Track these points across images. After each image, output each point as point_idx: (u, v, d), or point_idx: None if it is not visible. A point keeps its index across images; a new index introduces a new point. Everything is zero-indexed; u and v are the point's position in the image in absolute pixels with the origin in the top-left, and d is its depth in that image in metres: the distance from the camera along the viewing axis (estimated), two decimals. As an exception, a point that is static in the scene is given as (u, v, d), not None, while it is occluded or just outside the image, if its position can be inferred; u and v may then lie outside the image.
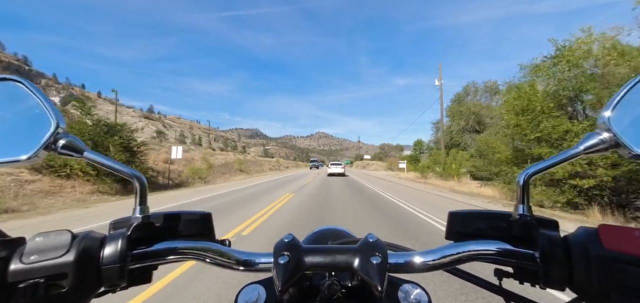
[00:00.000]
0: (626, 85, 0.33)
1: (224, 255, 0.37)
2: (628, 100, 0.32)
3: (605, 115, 0.32)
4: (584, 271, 0.29)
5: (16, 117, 0.36)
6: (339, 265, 0.33)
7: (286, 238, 0.34)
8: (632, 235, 0.28)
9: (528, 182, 0.36)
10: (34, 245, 0.31)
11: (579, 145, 0.34)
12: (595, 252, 0.29)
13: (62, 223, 5.67)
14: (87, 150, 0.37)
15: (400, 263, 0.35)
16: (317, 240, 0.54)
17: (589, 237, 0.30)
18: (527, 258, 0.34)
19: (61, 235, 0.32)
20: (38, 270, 0.29)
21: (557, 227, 0.35)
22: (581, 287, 0.30)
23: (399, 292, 0.39)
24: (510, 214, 0.37)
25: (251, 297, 0.38)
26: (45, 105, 0.36)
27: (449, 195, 11.47)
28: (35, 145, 0.34)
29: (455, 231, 0.40)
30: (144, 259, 0.36)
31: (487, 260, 0.36)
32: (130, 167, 0.38)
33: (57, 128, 0.35)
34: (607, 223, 0.30)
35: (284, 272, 0.31)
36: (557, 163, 0.35)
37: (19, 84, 0.36)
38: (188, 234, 0.40)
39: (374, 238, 0.34)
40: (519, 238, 0.35)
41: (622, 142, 0.31)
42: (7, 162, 0.34)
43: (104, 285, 0.33)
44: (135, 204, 0.38)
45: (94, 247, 0.33)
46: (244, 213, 6.26)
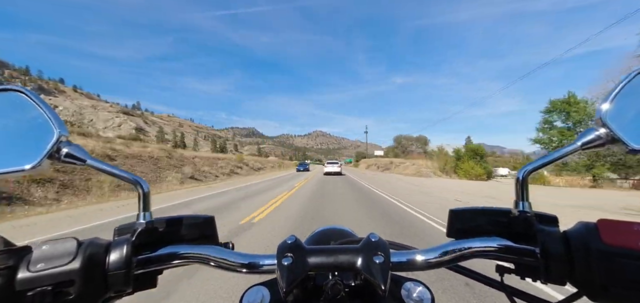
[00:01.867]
0: (624, 79, 0.32)
1: (227, 258, 0.37)
2: (625, 94, 0.32)
3: (602, 109, 0.32)
4: (584, 265, 0.30)
5: (19, 126, 0.36)
6: (342, 265, 0.33)
7: (289, 240, 0.35)
8: (630, 229, 0.29)
9: (527, 178, 0.36)
10: (40, 253, 0.31)
11: (577, 141, 0.34)
12: (594, 246, 0.29)
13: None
14: (90, 158, 0.37)
15: (402, 262, 0.35)
16: (320, 241, 0.54)
17: (588, 231, 0.31)
18: (527, 254, 0.34)
19: (67, 243, 0.32)
20: (45, 277, 0.29)
21: (556, 222, 0.35)
22: (581, 282, 0.30)
23: (402, 290, 0.39)
24: (510, 210, 0.37)
25: (256, 299, 0.39)
26: (48, 114, 0.36)
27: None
28: (39, 154, 0.35)
29: (456, 228, 0.40)
30: (149, 264, 0.36)
31: (488, 256, 0.36)
32: (133, 174, 0.39)
33: (60, 137, 0.36)
34: (605, 218, 0.31)
35: (288, 273, 0.31)
36: (556, 160, 0.35)
37: (22, 94, 0.36)
38: (191, 238, 0.41)
39: (376, 237, 0.35)
40: (519, 234, 0.35)
41: (618, 137, 0.31)
42: (11, 172, 0.35)
43: (110, 291, 0.33)
44: (139, 210, 0.38)
45: (99, 254, 0.33)
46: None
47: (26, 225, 5.49)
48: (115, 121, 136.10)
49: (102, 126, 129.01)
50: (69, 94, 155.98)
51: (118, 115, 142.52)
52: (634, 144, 0.30)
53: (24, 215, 6.60)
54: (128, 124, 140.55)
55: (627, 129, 0.31)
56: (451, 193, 11.41)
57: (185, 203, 8.44)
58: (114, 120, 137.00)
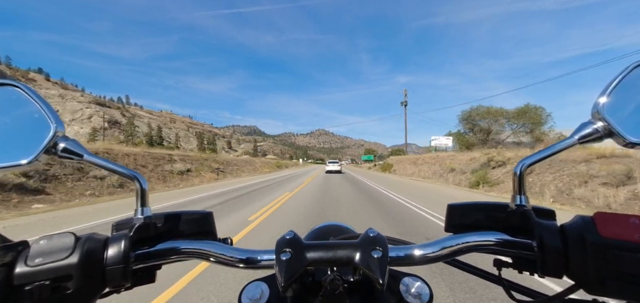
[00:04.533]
0: (622, 71, 0.32)
1: (225, 254, 0.37)
2: (623, 87, 0.31)
3: (599, 102, 0.32)
4: (581, 258, 0.30)
5: (16, 121, 0.36)
6: (341, 259, 0.33)
7: (288, 235, 0.35)
8: (627, 222, 0.29)
9: (524, 172, 0.36)
10: (38, 248, 0.31)
11: (574, 135, 0.34)
12: (591, 239, 0.29)
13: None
14: (87, 153, 0.37)
15: (401, 256, 0.35)
16: (319, 237, 0.55)
17: (585, 224, 0.31)
18: (525, 248, 0.34)
19: (64, 238, 0.32)
20: (43, 272, 0.29)
21: (554, 216, 0.35)
22: (578, 274, 0.30)
23: (400, 285, 0.39)
24: (508, 205, 0.37)
25: (254, 294, 0.39)
26: (44, 109, 0.36)
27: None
28: (36, 149, 0.34)
29: (454, 223, 0.40)
30: (147, 259, 0.36)
31: (486, 250, 0.36)
32: (131, 169, 0.39)
33: (57, 132, 0.35)
34: (603, 212, 0.31)
35: (287, 268, 0.31)
36: (553, 154, 0.35)
37: (18, 89, 0.36)
38: (190, 233, 0.40)
39: (375, 232, 0.35)
40: (516, 228, 0.35)
41: (615, 131, 0.31)
42: (7, 167, 0.34)
43: (108, 285, 0.33)
44: (137, 205, 0.38)
45: (97, 249, 0.33)
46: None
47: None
48: (84, 112, 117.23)
49: (68, 118, 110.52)
50: (39, 82, 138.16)
51: (89, 106, 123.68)
52: (631, 137, 0.30)
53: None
54: (100, 115, 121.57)
55: (624, 122, 0.31)
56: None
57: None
58: (83, 111, 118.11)
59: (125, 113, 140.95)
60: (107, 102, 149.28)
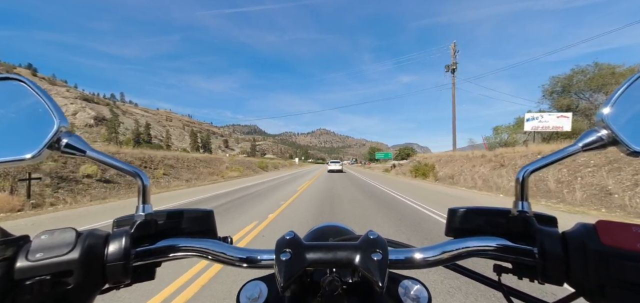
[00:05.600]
0: (625, 82, 0.32)
1: (225, 253, 0.37)
2: (627, 97, 0.32)
3: (603, 112, 0.32)
4: (582, 266, 0.30)
5: (19, 116, 0.36)
6: (340, 261, 0.33)
7: (288, 236, 0.35)
8: (629, 230, 0.29)
9: (527, 178, 0.36)
10: (39, 243, 0.31)
11: (578, 143, 0.34)
12: (592, 247, 0.29)
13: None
14: (90, 149, 0.37)
15: (400, 260, 0.35)
16: (318, 237, 0.55)
17: (587, 232, 0.30)
18: (525, 254, 0.33)
19: (66, 233, 0.32)
20: (44, 267, 0.30)
21: (555, 223, 0.35)
22: (579, 282, 0.30)
23: (399, 287, 0.39)
24: (510, 210, 0.37)
25: (253, 293, 0.39)
26: (48, 104, 0.36)
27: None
28: (39, 144, 0.34)
29: (454, 228, 0.40)
30: (147, 256, 0.36)
31: (486, 256, 0.36)
32: (134, 167, 0.39)
33: (60, 127, 0.35)
34: (604, 219, 0.31)
35: (286, 268, 0.31)
36: (557, 161, 0.35)
37: (22, 83, 0.36)
38: (190, 232, 0.40)
39: (375, 235, 0.34)
40: (518, 234, 0.35)
41: (619, 139, 0.31)
42: (11, 161, 0.34)
43: (109, 281, 0.33)
44: (138, 202, 0.38)
45: (98, 245, 0.33)
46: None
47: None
48: (69, 108, 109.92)
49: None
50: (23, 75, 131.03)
51: (74, 101, 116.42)
52: (635, 145, 0.30)
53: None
54: (86, 112, 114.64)
55: (628, 131, 0.31)
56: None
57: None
58: (68, 107, 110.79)
59: (114, 109, 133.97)
60: (95, 98, 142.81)
